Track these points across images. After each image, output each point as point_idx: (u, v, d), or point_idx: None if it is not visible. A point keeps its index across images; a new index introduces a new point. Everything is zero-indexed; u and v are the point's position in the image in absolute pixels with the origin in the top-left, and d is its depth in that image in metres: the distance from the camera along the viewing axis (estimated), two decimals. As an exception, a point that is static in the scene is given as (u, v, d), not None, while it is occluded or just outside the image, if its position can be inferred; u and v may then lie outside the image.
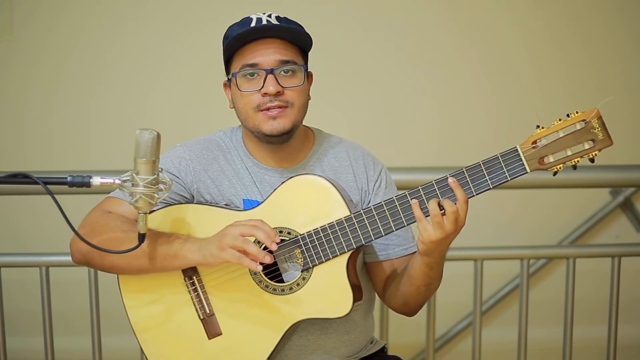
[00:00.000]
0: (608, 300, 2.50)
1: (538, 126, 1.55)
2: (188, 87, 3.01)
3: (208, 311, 1.72)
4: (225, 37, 1.75)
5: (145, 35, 3.00)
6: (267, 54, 1.68)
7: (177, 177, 1.76)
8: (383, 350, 1.92)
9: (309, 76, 1.78)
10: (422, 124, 3.09)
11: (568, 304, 2.48)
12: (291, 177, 1.69)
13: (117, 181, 1.49)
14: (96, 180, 1.48)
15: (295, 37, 1.71)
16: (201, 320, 1.72)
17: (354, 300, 1.65)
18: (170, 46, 3.00)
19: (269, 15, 1.71)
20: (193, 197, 1.78)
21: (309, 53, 1.79)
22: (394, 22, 3.04)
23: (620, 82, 3.10)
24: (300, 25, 1.75)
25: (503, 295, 3.13)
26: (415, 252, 1.80)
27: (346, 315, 1.66)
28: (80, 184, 1.48)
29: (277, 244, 1.59)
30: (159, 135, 1.49)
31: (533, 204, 3.08)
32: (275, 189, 1.70)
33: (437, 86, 3.08)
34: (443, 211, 1.54)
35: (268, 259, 1.57)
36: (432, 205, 1.54)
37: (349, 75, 3.03)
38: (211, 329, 1.72)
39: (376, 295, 1.88)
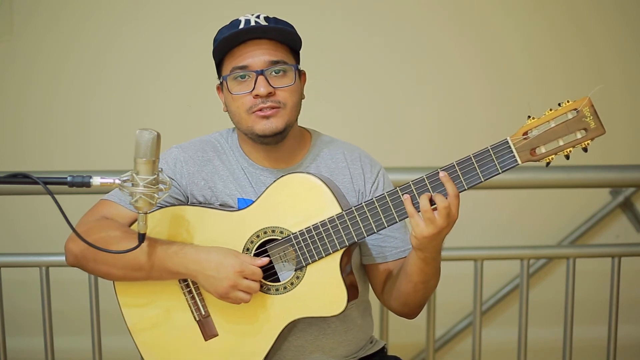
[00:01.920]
0: (608, 300, 2.50)
1: (529, 117, 1.53)
2: (188, 87, 3.01)
3: (203, 313, 1.72)
4: (214, 40, 1.75)
5: (145, 36, 3.00)
6: (257, 55, 1.68)
7: (173, 179, 1.76)
8: (383, 350, 1.92)
9: (301, 75, 1.78)
10: (421, 123, 3.09)
11: (568, 304, 2.48)
12: (282, 176, 1.69)
13: (117, 181, 1.50)
14: (96, 180, 1.48)
15: (284, 37, 1.71)
16: (197, 322, 1.72)
17: (349, 299, 1.64)
18: (170, 46, 3.00)
19: (258, 17, 1.70)
20: (187, 199, 1.78)
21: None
22: (392, 21, 3.04)
23: (620, 82, 3.09)
24: (289, 25, 1.75)
25: (503, 295, 3.13)
26: None
27: (341, 313, 1.65)
28: (80, 184, 1.48)
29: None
30: (159, 135, 1.49)
31: (533, 204, 3.09)
32: (266, 188, 1.69)
33: (435, 85, 3.08)
34: (435, 206, 1.54)
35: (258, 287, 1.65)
36: (423, 201, 1.54)
37: (348, 74, 3.04)
38: (207, 331, 1.72)
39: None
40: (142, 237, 1.56)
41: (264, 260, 1.65)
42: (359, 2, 3.04)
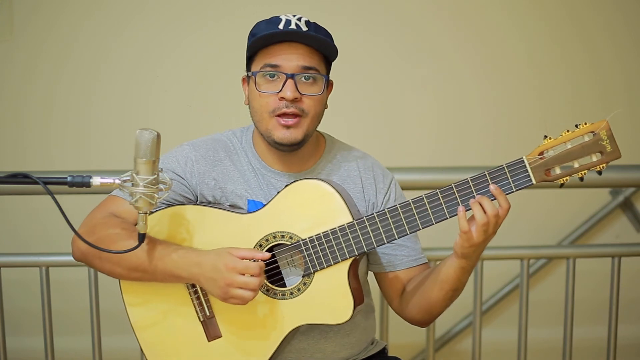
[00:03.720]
0: (608, 300, 2.50)
1: (546, 137, 1.53)
2: (188, 87, 3.01)
3: (208, 313, 1.71)
4: (251, 34, 1.73)
5: (145, 35, 3.00)
6: (291, 59, 1.67)
7: (182, 178, 1.75)
8: (383, 351, 1.92)
9: (329, 85, 1.77)
10: (422, 123, 3.09)
11: (568, 304, 2.48)
12: (294, 181, 1.68)
13: (117, 181, 1.49)
14: (96, 180, 1.48)
15: (321, 46, 1.69)
16: (201, 322, 1.72)
17: (355, 307, 1.64)
18: (170, 46, 3.00)
19: (299, 19, 1.69)
20: (197, 198, 1.77)
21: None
22: (393, 21, 3.04)
23: (620, 82, 3.09)
24: (328, 34, 1.73)
25: (503, 295, 3.13)
26: (425, 263, 1.81)
27: (346, 322, 1.65)
28: (80, 184, 1.47)
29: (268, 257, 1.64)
30: (159, 135, 1.49)
31: (533, 204, 3.08)
32: (278, 193, 1.69)
33: (436, 86, 3.08)
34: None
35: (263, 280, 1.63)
36: (479, 214, 1.53)
37: (348, 75, 3.02)
38: (211, 331, 1.71)
39: (376, 296, 1.88)
40: (142, 237, 1.56)
41: (264, 255, 1.63)
42: (359, 2, 3.04)
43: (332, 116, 2.78)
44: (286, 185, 1.68)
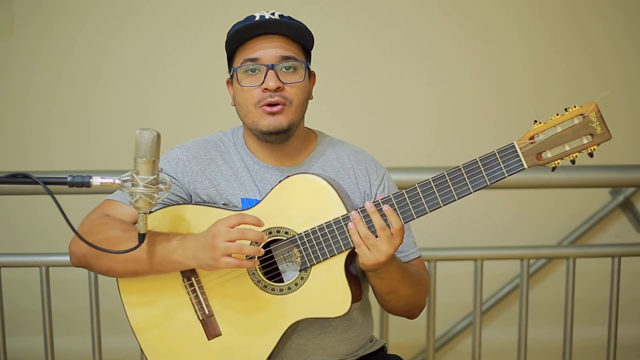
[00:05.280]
0: (608, 300, 2.50)
1: (536, 121, 1.54)
2: (188, 87, 3.02)
3: (207, 312, 1.71)
4: (228, 34, 1.75)
5: (145, 35, 3.00)
6: (269, 49, 1.69)
7: (175, 178, 1.76)
8: (383, 349, 1.92)
9: (311, 75, 1.78)
10: (421, 123, 3.09)
11: (568, 304, 2.48)
12: (288, 177, 1.69)
13: (117, 181, 1.49)
14: (96, 180, 1.48)
15: (297, 34, 1.72)
16: (200, 321, 1.72)
17: (353, 300, 1.65)
18: (170, 46, 3.00)
19: (272, 13, 1.72)
20: (191, 197, 1.78)
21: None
22: (392, 21, 3.04)
23: (619, 82, 3.10)
24: (302, 24, 1.75)
25: (503, 295, 3.13)
26: (417, 257, 1.82)
27: (345, 314, 1.65)
28: (80, 184, 1.48)
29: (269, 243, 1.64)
30: (159, 135, 1.49)
31: (533, 204, 3.09)
32: (272, 189, 1.69)
33: (435, 85, 3.09)
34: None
35: (261, 252, 1.60)
36: (354, 237, 1.60)
37: (347, 74, 3.04)
38: (210, 330, 1.72)
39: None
40: (142, 238, 1.56)
41: (252, 217, 1.59)
42: (358, 2, 3.04)
43: (332, 116, 2.78)
44: (280, 181, 1.69)
